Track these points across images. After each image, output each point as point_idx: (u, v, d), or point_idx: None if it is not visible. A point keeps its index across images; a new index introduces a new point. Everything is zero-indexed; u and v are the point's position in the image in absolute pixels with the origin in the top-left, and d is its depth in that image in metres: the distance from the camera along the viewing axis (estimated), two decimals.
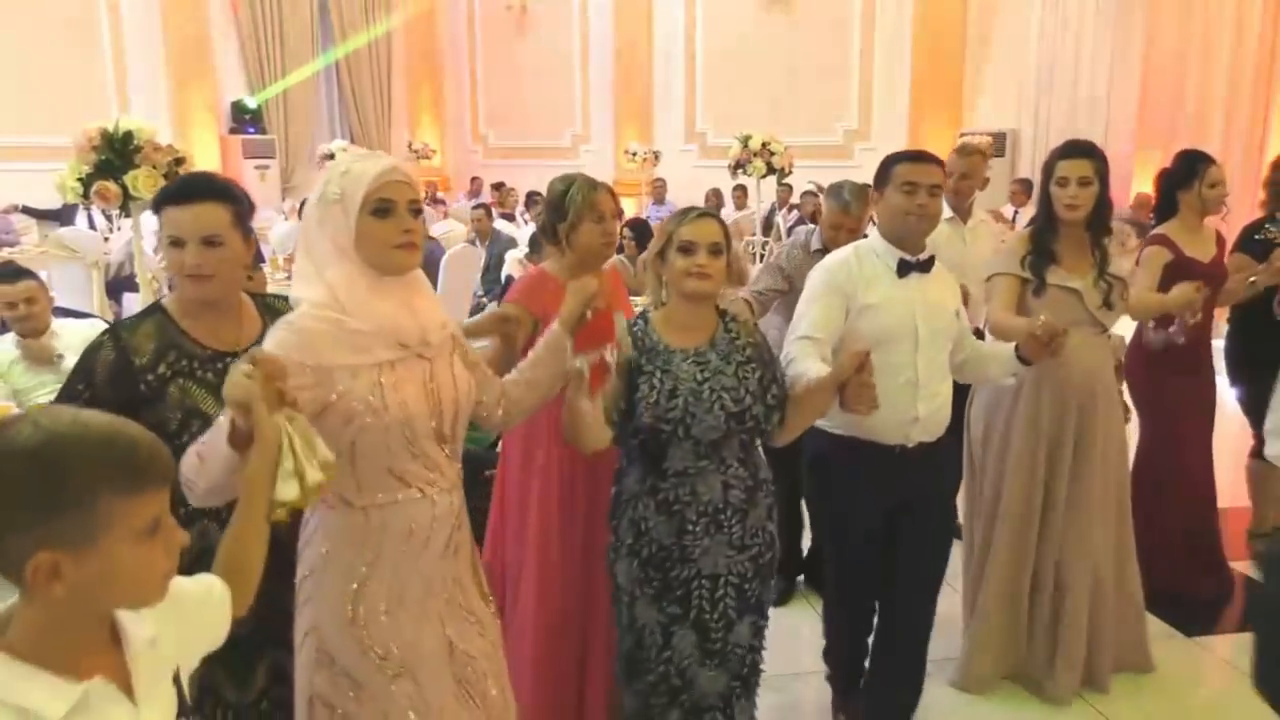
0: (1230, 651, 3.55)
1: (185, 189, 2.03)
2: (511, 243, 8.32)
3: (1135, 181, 10.21)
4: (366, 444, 1.76)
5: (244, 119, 12.78)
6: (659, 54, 13.87)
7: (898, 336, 2.58)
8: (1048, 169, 3.08)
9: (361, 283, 1.78)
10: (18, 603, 1.08)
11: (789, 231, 8.30)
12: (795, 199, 10.52)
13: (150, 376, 1.95)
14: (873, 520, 2.70)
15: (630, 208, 12.55)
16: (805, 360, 2.41)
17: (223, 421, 1.51)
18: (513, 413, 2.11)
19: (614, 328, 2.27)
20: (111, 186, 3.73)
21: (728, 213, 9.77)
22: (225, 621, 1.37)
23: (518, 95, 14.54)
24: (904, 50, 12.53)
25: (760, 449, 2.37)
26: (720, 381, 2.19)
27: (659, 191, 12.43)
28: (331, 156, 9.66)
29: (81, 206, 8.93)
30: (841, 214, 3.64)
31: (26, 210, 10.33)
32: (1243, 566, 4.12)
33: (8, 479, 1.02)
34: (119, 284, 7.50)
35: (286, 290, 2.24)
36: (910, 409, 2.59)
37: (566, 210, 2.74)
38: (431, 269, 7.07)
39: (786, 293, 3.58)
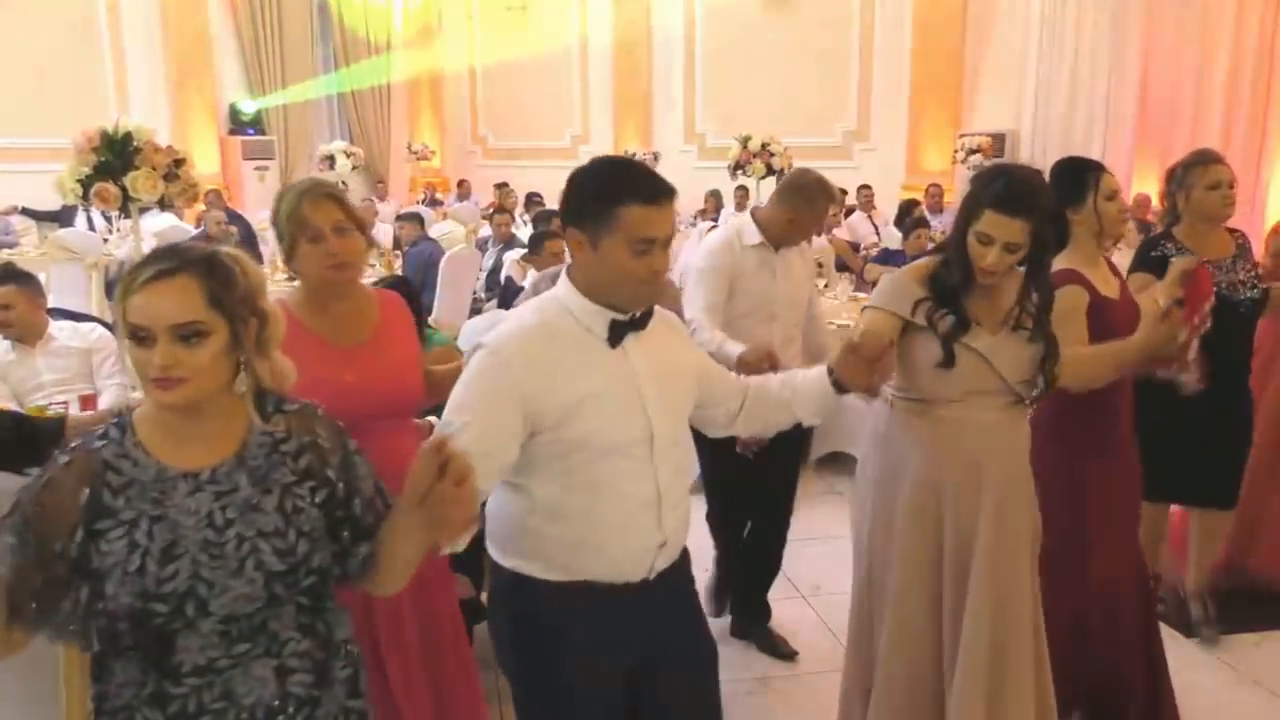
0: None
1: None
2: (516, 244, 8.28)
3: (1135, 182, 10.22)
4: None
5: (243, 121, 12.79)
6: (658, 54, 13.87)
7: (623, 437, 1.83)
8: (970, 208, 2.22)
9: None
10: None
11: None
12: None
13: None
14: (610, 695, 1.91)
15: None
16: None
17: None
18: None
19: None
20: (110, 188, 3.73)
21: (728, 214, 9.74)
22: None
23: (517, 96, 14.54)
24: (903, 51, 12.53)
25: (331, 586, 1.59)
26: (254, 522, 1.46)
27: None
28: (332, 158, 9.68)
29: (81, 208, 8.95)
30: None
31: (26, 212, 10.33)
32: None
33: None
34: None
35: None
36: (653, 532, 1.86)
37: (280, 229, 2.19)
38: (430, 270, 7.07)
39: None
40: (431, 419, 2.56)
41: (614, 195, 1.74)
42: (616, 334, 1.82)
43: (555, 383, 1.76)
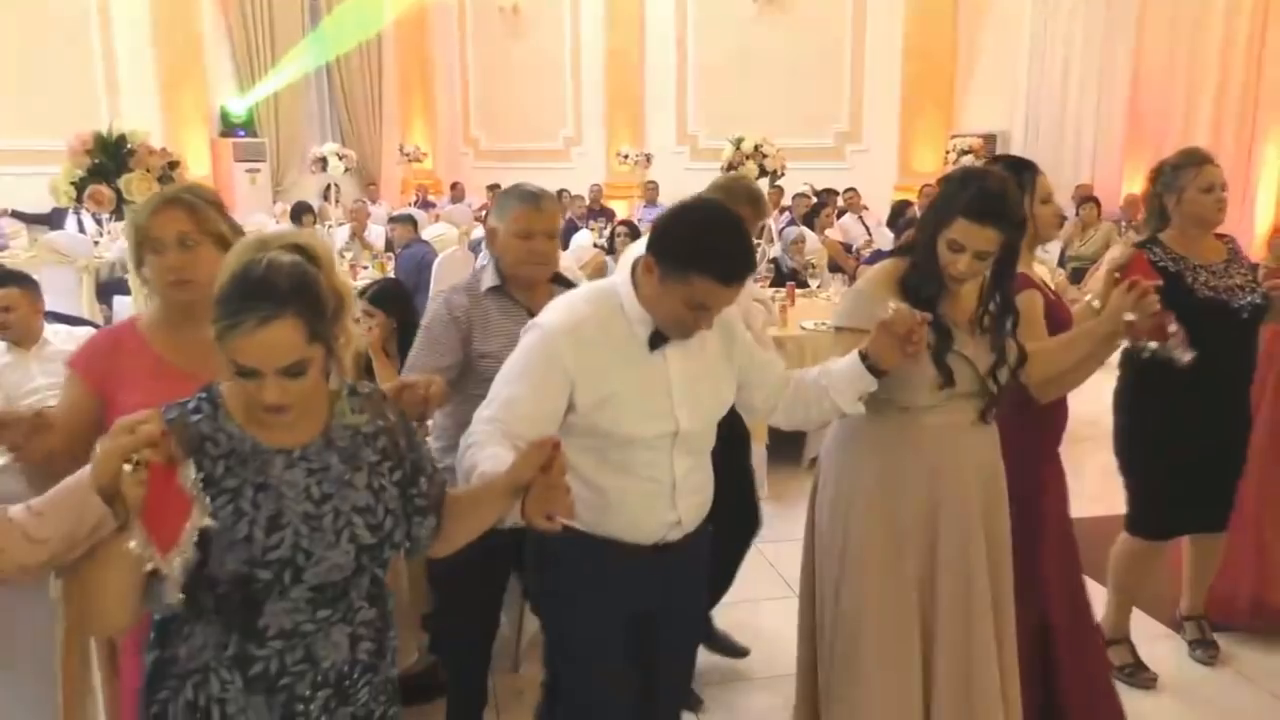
0: None
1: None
2: None
3: (1125, 183, 10.26)
4: None
5: (234, 124, 12.76)
6: (651, 56, 13.88)
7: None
8: (941, 215, 2.18)
9: None
10: None
11: (780, 233, 8.31)
12: (787, 200, 10.54)
13: None
14: (615, 631, 2.08)
15: (622, 210, 12.57)
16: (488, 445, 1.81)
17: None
18: None
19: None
20: (105, 190, 3.72)
21: None
22: None
23: (509, 97, 14.54)
24: (895, 51, 12.56)
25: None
26: (348, 498, 1.54)
27: (651, 194, 12.44)
28: (324, 160, 9.66)
29: (71, 210, 8.91)
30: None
31: (15, 214, 10.29)
32: None
33: None
34: (110, 286, 7.48)
35: None
36: (667, 512, 2.03)
37: (128, 234, 2.03)
38: (423, 272, 7.06)
39: None
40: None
41: (695, 261, 1.81)
42: (657, 341, 1.93)
43: (594, 372, 1.90)
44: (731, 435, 2.35)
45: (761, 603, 3.79)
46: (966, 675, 2.27)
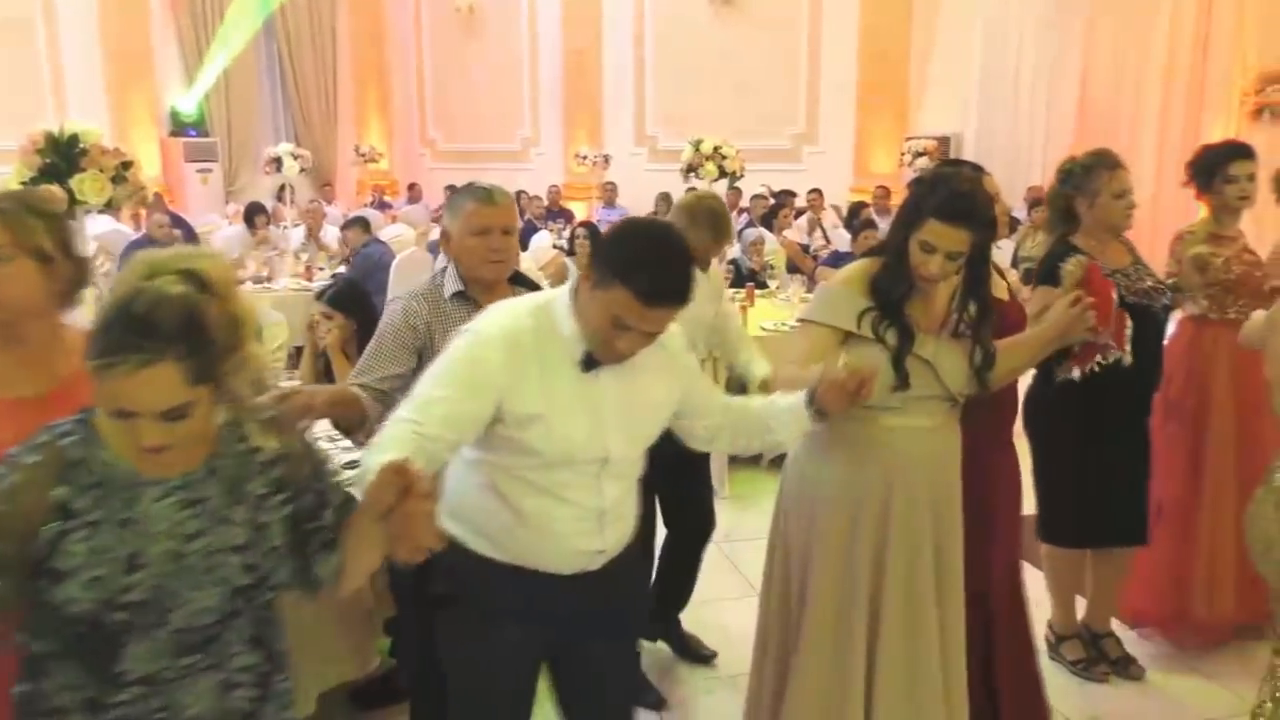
0: None
1: None
2: None
3: None
4: None
5: (184, 123, 12.54)
6: (608, 56, 13.86)
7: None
8: (912, 216, 2.19)
9: None
10: None
11: (739, 234, 8.35)
12: (745, 202, 10.60)
13: None
14: (525, 662, 2.00)
15: (581, 212, 12.57)
16: None
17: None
18: None
19: None
20: (56, 190, 3.65)
21: None
22: None
23: (466, 98, 14.46)
24: (850, 54, 12.66)
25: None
26: (222, 535, 1.43)
27: (609, 195, 12.45)
28: (279, 160, 9.55)
29: None
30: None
31: None
32: None
33: None
34: None
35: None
36: (592, 539, 1.93)
37: None
38: (381, 273, 7.00)
39: None
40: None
41: (623, 271, 1.72)
42: (590, 362, 1.83)
43: (524, 387, 1.79)
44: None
45: (724, 602, 3.81)
46: (910, 665, 2.30)
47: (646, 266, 1.72)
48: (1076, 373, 2.71)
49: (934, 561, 2.32)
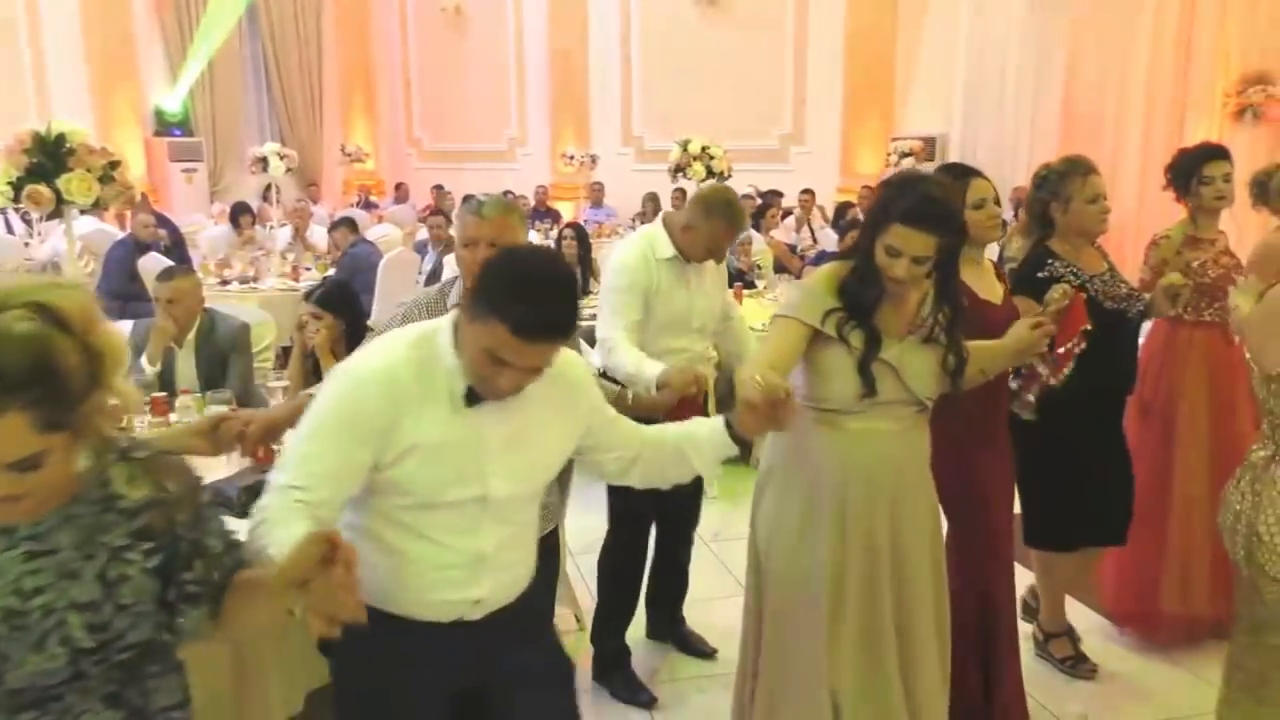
0: None
1: None
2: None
3: None
4: None
5: (169, 122, 12.48)
6: (594, 56, 13.86)
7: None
8: (878, 220, 2.17)
9: None
10: None
11: None
12: None
13: None
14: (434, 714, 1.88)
15: (568, 212, 12.57)
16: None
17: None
18: None
19: None
20: (44, 190, 3.63)
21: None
22: None
23: (453, 98, 14.43)
24: (837, 55, 12.71)
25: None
26: (67, 592, 1.30)
27: (597, 195, 12.45)
28: (264, 160, 9.51)
29: (1, 212, 8.66)
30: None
31: None
32: None
33: None
34: None
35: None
36: (467, 588, 1.80)
37: None
38: (368, 273, 6.99)
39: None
40: None
41: (496, 303, 1.60)
42: (473, 397, 1.71)
43: (401, 422, 1.67)
44: None
45: (713, 601, 3.82)
46: (870, 669, 2.31)
47: (524, 301, 1.59)
48: (1027, 414, 2.78)
49: (891, 563, 2.31)
